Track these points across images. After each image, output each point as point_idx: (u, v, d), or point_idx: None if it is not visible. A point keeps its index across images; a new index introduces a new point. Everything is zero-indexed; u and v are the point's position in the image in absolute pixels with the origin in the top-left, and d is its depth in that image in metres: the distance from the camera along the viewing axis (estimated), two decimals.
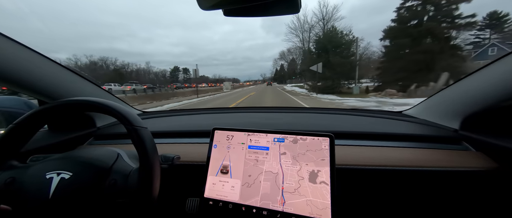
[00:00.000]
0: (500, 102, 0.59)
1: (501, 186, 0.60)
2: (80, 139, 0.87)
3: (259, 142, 0.58)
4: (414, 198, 0.67)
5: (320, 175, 0.51)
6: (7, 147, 0.46)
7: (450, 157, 0.64)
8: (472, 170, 0.59)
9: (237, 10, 0.39)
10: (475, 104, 0.67)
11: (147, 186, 0.44)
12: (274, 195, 0.52)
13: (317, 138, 0.54)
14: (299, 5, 0.37)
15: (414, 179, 0.63)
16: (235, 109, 1.36)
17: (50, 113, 0.49)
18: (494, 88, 0.61)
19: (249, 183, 0.54)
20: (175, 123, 1.09)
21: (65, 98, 0.50)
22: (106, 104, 0.48)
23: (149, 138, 0.47)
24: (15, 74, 0.63)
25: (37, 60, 0.69)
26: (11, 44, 0.62)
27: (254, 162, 0.56)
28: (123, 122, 0.47)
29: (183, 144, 0.82)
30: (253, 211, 0.52)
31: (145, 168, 0.45)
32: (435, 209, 0.67)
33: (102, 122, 0.99)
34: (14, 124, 0.46)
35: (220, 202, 0.55)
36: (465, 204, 0.65)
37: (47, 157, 0.51)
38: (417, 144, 0.73)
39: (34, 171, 0.45)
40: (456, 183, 0.62)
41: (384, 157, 0.66)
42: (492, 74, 0.63)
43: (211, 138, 0.62)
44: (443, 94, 0.84)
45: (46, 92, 0.75)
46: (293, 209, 0.50)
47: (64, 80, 0.80)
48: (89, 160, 0.48)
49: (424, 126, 0.85)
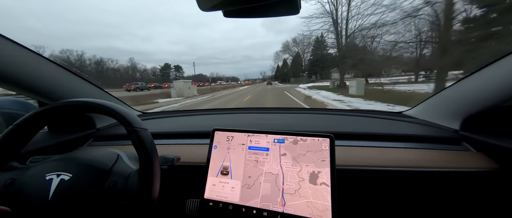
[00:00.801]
0: (501, 103, 0.59)
1: (501, 187, 0.60)
2: (80, 140, 0.87)
3: (259, 142, 0.58)
4: (414, 199, 0.67)
5: (320, 176, 0.50)
6: (7, 148, 0.46)
7: (451, 157, 0.64)
8: (473, 170, 0.59)
9: (237, 11, 0.39)
10: (475, 104, 0.67)
11: (147, 188, 0.44)
12: (274, 196, 0.51)
13: (317, 139, 0.54)
14: (299, 6, 0.37)
15: (414, 180, 0.63)
16: (235, 110, 1.36)
17: (50, 114, 0.49)
18: (494, 89, 0.60)
19: (249, 184, 0.54)
20: (175, 124, 1.09)
21: (65, 99, 0.50)
22: (106, 105, 0.48)
23: (149, 139, 0.47)
24: (15, 76, 0.63)
25: (36, 61, 0.69)
26: (11, 45, 0.62)
27: (254, 163, 0.56)
28: (123, 123, 0.47)
29: (183, 145, 0.82)
30: (254, 212, 0.52)
31: (145, 170, 0.45)
32: (435, 209, 0.67)
33: (102, 123, 0.99)
34: (14, 125, 0.46)
35: (220, 203, 0.55)
36: (465, 205, 0.65)
37: (47, 158, 0.51)
38: (417, 145, 0.73)
39: (34, 172, 0.45)
40: (457, 184, 0.61)
41: (384, 157, 0.65)
42: (492, 75, 0.63)
43: (211, 139, 0.62)
44: (443, 94, 0.84)
45: (46, 94, 0.75)
46: (293, 211, 0.49)
47: (64, 81, 0.80)
48: (89, 162, 0.48)
49: (424, 127, 0.85)
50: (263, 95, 15.13)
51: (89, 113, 0.90)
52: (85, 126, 0.92)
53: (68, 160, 0.48)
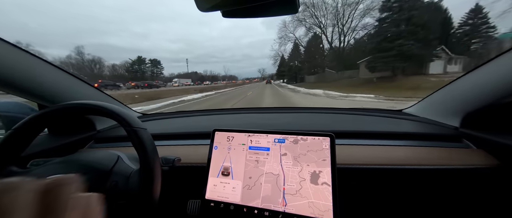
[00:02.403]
0: (500, 100, 0.59)
1: (502, 183, 0.60)
2: (81, 143, 0.87)
3: (260, 142, 0.58)
4: (415, 197, 0.67)
5: (321, 176, 0.50)
6: (7, 152, 0.46)
7: (451, 154, 0.64)
8: (473, 167, 0.59)
9: (235, 12, 0.39)
10: (475, 101, 0.67)
11: (148, 188, 0.44)
12: (275, 197, 0.51)
13: (318, 138, 0.54)
14: (297, 5, 0.37)
15: (415, 178, 0.63)
16: (235, 110, 1.36)
17: (50, 116, 0.49)
18: (494, 86, 0.60)
19: (250, 185, 0.54)
20: (175, 125, 1.09)
21: (65, 102, 0.50)
22: (106, 107, 0.48)
23: (149, 139, 0.47)
24: (15, 79, 0.63)
25: (36, 64, 0.69)
26: (10, 48, 0.62)
27: (255, 163, 0.56)
28: (122, 123, 0.47)
29: (183, 146, 0.82)
30: (255, 212, 0.52)
31: (145, 169, 0.45)
32: (437, 207, 0.67)
33: (102, 125, 0.99)
34: (13, 129, 0.46)
35: (221, 204, 0.55)
36: (466, 202, 0.65)
37: (47, 161, 0.51)
38: (417, 142, 0.73)
39: (35, 175, 0.45)
40: (458, 181, 0.62)
41: (384, 156, 0.65)
42: (491, 72, 0.63)
43: (212, 139, 0.62)
44: (443, 92, 0.84)
45: (46, 96, 0.75)
46: (294, 210, 0.49)
47: (64, 84, 0.80)
48: (90, 163, 0.48)
49: (424, 124, 0.85)
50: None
51: (89, 115, 0.90)
52: (85, 128, 0.92)
53: (69, 162, 0.48)
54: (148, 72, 69.33)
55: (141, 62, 68.08)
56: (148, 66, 70.58)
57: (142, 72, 67.66)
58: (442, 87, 0.84)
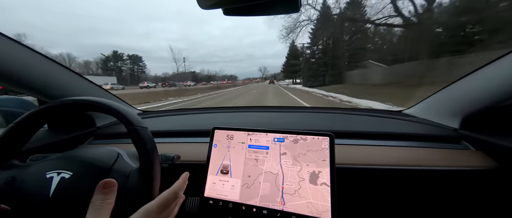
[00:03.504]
0: (500, 102, 0.59)
1: (501, 185, 0.60)
2: (80, 139, 0.87)
3: (259, 141, 0.58)
4: (414, 198, 0.67)
5: (321, 176, 0.50)
6: (8, 146, 0.46)
7: (450, 156, 0.64)
8: (472, 169, 0.59)
9: (236, 10, 0.39)
10: (475, 103, 0.67)
11: (147, 186, 0.44)
12: (274, 196, 0.52)
13: (317, 138, 0.54)
14: (299, 4, 0.37)
15: (414, 178, 0.63)
16: (235, 108, 1.36)
17: (50, 112, 0.49)
18: (494, 88, 0.60)
19: (249, 184, 0.54)
20: (175, 123, 1.09)
21: (65, 98, 0.50)
22: (106, 104, 0.48)
23: (149, 137, 0.47)
24: (15, 74, 0.63)
25: (37, 59, 0.69)
26: (11, 44, 0.62)
27: (254, 162, 0.56)
28: (123, 121, 0.47)
29: (183, 144, 0.82)
30: (253, 210, 0.52)
31: (145, 168, 0.45)
32: (435, 208, 0.67)
33: (102, 121, 0.99)
34: (14, 123, 0.46)
35: (220, 201, 0.55)
36: (465, 203, 0.65)
37: (47, 157, 0.51)
38: (417, 143, 0.73)
39: (35, 170, 0.45)
40: (456, 182, 0.62)
41: (383, 156, 0.66)
42: (492, 74, 0.63)
43: (211, 137, 0.62)
44: (443, 93, 0.84)
45: (46, 92, 0.75)
46: (293, 209, 0.50)
47: (64, 80, 0.80)
48: (89, 160, 0.48)
49: (424, 125, 0.85)
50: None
51: (89, 111, 0.90)
52: (85, 124, 0.93)
53: (68, 158, 0.48)
54: (126, 71, 56.77)
55: (117, 58, 56.28)
56: (126, 63, 58.50)
57: (119, 70, 55.97)
58: (442, 89, 0.84)
